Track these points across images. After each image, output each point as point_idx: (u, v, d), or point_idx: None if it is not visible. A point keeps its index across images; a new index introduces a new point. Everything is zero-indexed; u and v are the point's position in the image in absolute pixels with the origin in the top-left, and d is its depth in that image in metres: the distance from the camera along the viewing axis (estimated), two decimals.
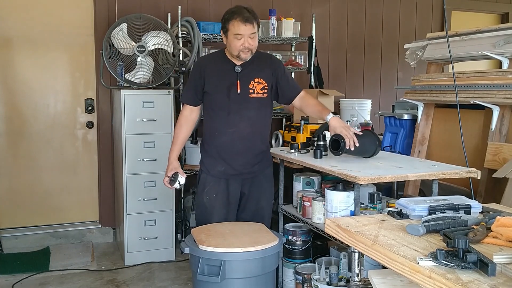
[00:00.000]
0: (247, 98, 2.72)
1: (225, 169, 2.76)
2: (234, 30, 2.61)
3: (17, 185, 4.18)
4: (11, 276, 3.49)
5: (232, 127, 2.73)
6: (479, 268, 1.16)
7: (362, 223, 1.61)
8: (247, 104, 2.72)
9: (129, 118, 3.69)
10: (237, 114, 2.71)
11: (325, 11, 4.93)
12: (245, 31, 2.61)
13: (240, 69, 2.72)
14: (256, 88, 2.74)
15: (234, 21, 2.62)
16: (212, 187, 2.78)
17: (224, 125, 2.73)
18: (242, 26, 2.61)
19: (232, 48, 2.65)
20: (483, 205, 1.78)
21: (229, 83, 2.71)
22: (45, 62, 4.18)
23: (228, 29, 2.64)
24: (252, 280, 2.34)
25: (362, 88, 5.18)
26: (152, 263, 3.79)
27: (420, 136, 3.31)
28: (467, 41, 3.04)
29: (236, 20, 2.62)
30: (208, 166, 2.80)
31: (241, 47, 2.63)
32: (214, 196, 2.77)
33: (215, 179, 2.78)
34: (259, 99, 2.75)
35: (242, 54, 2.65)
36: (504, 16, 5.78)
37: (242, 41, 2.62)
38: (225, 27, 2.66)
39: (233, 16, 2.63)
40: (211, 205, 2.77)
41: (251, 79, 2.73)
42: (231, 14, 2.65)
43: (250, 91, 2.72)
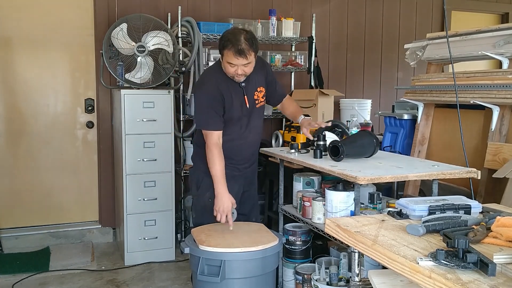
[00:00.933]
0: (254, 109, 2.78)
1: (229, 171, 2.75)
2: (228, 59, 2.57)
3: (17, 185, 4.18)
4: (11, 276, 3.49)
5: (242, 139, 2.78)
6: (479, 268, 1.16)
7: (362, 223, 1.61)
8: (254, 114, 2.79)
9: (129, 118, 3.69)
10: (247, 127, 2.77)
11: (325, 11, 4.93)
12: (237, 63, 2.57)
13: (244, 84, 2.72)
14: (259, 97, 2.80)
15: (227, 51, 2.54)
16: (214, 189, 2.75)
17: (235, 137, 2.76)
18: (234, 58, 2.55)
19: (227, 71, 2.64)
20: (483, 205, 1.78)
21: (240, 99, 2.71)
22: (45, 62, 4.18)
23: (223, 55, 2.60)
24: (252, 280, 2.34)
25: (362, 88, 5.18)
26: (152, 263, 3.79)
27: (420, 136, 3.31)
28: (467, 41, 3.04)
29: (230, 51, 2.53)
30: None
31: (234, 73, 2.62)
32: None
33: None
34: (261, 107, 2.85)
35: (236, 78, 2.65)
36: (504, 16, 5.78)
37: (235, 68, 2.59)
38: (220, 52, 2.61)
39: (227, 45, 2.53)
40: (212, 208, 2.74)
41: (255, 89, 2.77)
42: (227, 41, 2.54)
43: (256, 102, 2.78)
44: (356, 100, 4.62)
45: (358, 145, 2.57)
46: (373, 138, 2.62)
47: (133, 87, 3.79)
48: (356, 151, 2.56)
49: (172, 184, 3.87)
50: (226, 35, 2.58)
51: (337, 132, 2.95)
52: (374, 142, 2.60)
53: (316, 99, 3.84)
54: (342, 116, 4.57)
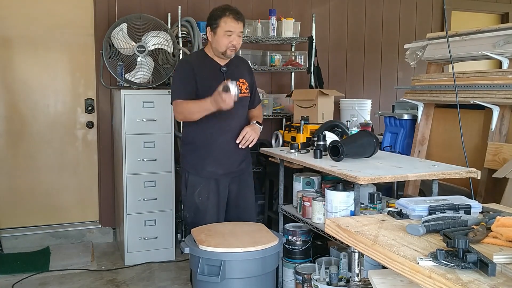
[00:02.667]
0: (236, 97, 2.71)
1: (215, 169, 2.78)
2: (226, 26, 2.66)
3: (17, 185, 4.18)
4: (11, 276, 3.49)
5: (227, 127, 2.77)
6: (479, 268, 1.16)
7: (362, 223, 1.61)
8: (237, 103, 2.69)
9: (129, 118, 3.69)
10: (231, 115, 2.73)
11: (325, 11, 4.93)
12: (235, 28, 2.67)
13: (226, 69, 2.77)
14: (242, 87, 2.81)
15: (226, 18, 2.66)
16: (203, 188, 2.78)
17: (220, 126, 2.75)
18: (234, 23, 2.66)
19: (220, 45, 2.69)
20: (483, 205, 1.78)
21: (217, 82, 2.66)
22: (45, 62, 4.18)
23: (218, 25, 2.67)
24: (252, 280, 2.34)
25: (362, 88, 5.18)
26: (152, 263, 3.79)
27: (420, 136, 3.31)
28: (467, 41, 3.04)
29: (229, 17, 2.66)
30: (197, 167, 2.80)
31: (229, 45, 2.69)
32: (206, 197, 2.78)
33: (205, 179, 2.79)
34: (245, 98, 2.85)
35: (228, 51, 2.71)
36: (504, 16, 5.78)
37: (231, 38, 2.68)
38: (215, 23, 2.68)
39: (224, 13, 2.66)
40: (204, 206, 2.78)
41: (237, 79, 2.77)
42: (223, 11, 2.68)
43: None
44: (356, 100, 4.61)
45: (358, 145, 2.57)
46: (373, 138, 2.62)
47: (133, 87, 3.79)
48: (356, 151, 2.56)
49: (172, 184, 3.87)
50: (218, 8, 2.73)
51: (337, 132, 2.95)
52: (374, 142, 2.60)
53: (316, 99, 3.84)
54: (342, 116, 4.57)
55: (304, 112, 3.89)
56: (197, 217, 2.78)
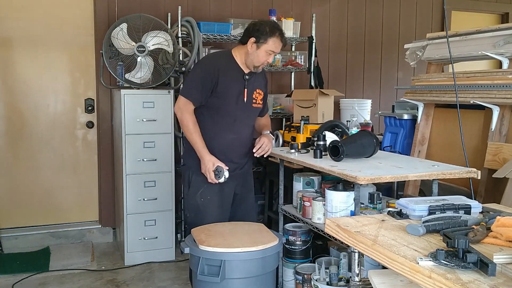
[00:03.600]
0: (250, 107, 2.80)
1: None
2: (273, 47, 2.67)
3: (17, 185, 4.18)
4: (11, 276, 3.49)
5: (235, 134, 2.77)
6: (479, 268, 1.16)
7: (362, 223, 1.61)
8: (250, 113, 2.80)
9: (129, 118, 3.69)
10: (242, 122, 2.77)
11: (325, 11, 4.93)
12: (278, 50, 2.70)
13: (248, 78, 2.76)
14: (257, 98, 2.83)
15: (275, 39, 2.65)
16: (207, 189, 2.76)
17: (228, 131, 2.75)
18: (279, 45, 2.69)
19: (258, 60, 2.69)
20: (483, 205, 1.78)
21: (238, 90, 2.73)
22: (45, 62, 4.18)
23: (265, 43, 2.65)
24: (252, 280, 2.34)
25: (362, 88, 5.18)
26: (152, 263, 3.79)
27: (420, 136, 3.31)
28: (467, 41, 3.04)
29: (278, 38, 2.66)
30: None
31: (265, 62, 2.71)
32: (208, 198, 2.77)
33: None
34: (257, 109, 2.87)
35: (260, 67, 2.74)
36: (504, 16, 5.78)
37: (269, 57, 2.69)
38: (263, 39, 2.64)
39: (275, 33, 2.65)
40: (205, 207, 2.77)
41: (255, 89, 2.80)
42: (274, 30, 2.66)
43: (253, 101, 2.80)
44: (356, 100, 4.61)
45: (358, 145, 2.57)
46: (373, 138, 2.62)
47: (133, 87, 3.79)
48: (356, 151, 2.56)
49: (172, 184, 3.87)
50: (267, 24, 2.68)
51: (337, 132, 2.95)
52: (374, 142, 2.60)
53: (316, 99, 3.84)
54: (342, 116, 4.57)
55: (304, 112, 3.89)
56: (197, 217, 2.78)
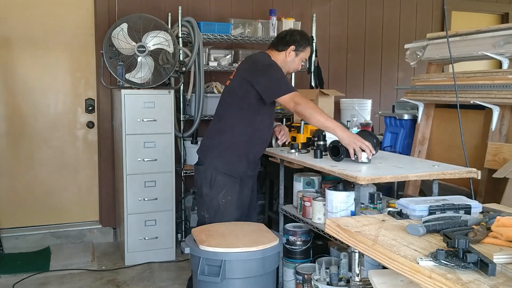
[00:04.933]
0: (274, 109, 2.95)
1: (245, 170, 2.77)
2: (307, 55, 2.88)
3: (17, 185, 4.18)
4: (11, 276, 3.49)
5: (268, 136, 2.88)
6: (479, 268, 1.16)
7: (362, 223, 1.61)
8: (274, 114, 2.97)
9: (129, 118, 3.69)
10: (272, 123, 2.91)
11: (325, 11, 4.93)
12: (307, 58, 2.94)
13: None
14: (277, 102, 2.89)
15: (310, 48, 2.90)
16: (230, 189, 2.74)
17: (266, 133, 2.84)
18: (309, 54, 2.94)
19: (295, 66, 2.87)
20: (483, 205, 1.78)
21: None
22: (45, 62, 4.19)
23: (304, 51, 2.85)
24: (252, 280, 2.34)
25: (363, 88, 5.18)
26: (152, 263, 3.79)
27: (420, 136, 3.31)
28: (467, 41, 3.04)
29: (311, 47, 2.90)
30: (231, 166, 2.72)
31: (298, 69, 2.91)
32: (229, 199, 2.74)
33: (233, 180, 2.74)
34: None
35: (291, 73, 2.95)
36: (504, 16, 5.78)
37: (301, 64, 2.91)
38: (303, 47, 2.83)
39: (311, 43, 2.90)
40: (226, 207, 2.74)
41: None
42: (310, 40, 2.88)
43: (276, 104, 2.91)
44: (357, 100, 4.61)
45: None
46: (373, 138, 2.62)
47: (134, 87, 3.79)
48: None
49: (172, 184, 3.87)
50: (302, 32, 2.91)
51: None
52: (374, 142, 2.60)
53: (316, 99, 3.84)
54: (342, 116, 4.57)
55: None
56: (216, 217, 2.72)
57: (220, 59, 4.29)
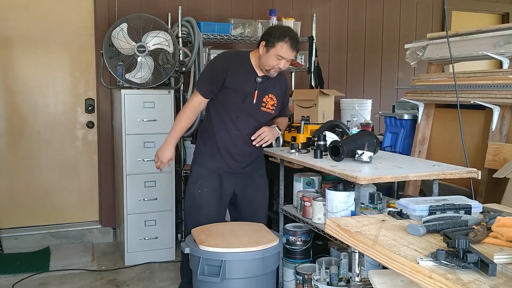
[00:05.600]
0: (258, 110, 2.79)
1: (221, 165, 2.81)
2: (281, 52, 2.62)
3: (17, 185, 4.18)
4: (11, 276, 3.49)
5: (237, 131, 2.78)
6: (480, 268, 1.16)
7: (362, 223, 1.61)
8: (256, 115, 2.79)
9: (129, 118, 3.69)
10: (245, 122, 2.77)
11: (325, 11, 4.93)
12: (288, 56, 2.65)
13: (260, 80, 2.76)
14: (268, 103, 2.81)
15: (284, 44, 2.61)
16: (205, 181, 2.81)
17: (231, 126, 2.77)
18: (289, 51, 2.62)
19: (268, 63, 2.68)
20: (484, 205, 1.78)
21: (247, 90, 2.74)
22: (45, 62, 4.18)
23: (274, 46, 2.62)
24: (252, 280, 2.34)
25: (363, 88, 5.18)
26: (152, 263, 3.79)
27: (421, 136, 3.31)
28: (468, 41, 3.04)
29: (287, 43, 2.61)
30: (205, 159, 2.83)
31: (276, 67, 2.68)
32: (205, 191, 2.80)
33: (209, 173, 2.81)
34: (267, 114, 2.84)
35: (272, 71, 2.71)
36: (504, 16, 5.77)
37: (280, 62, 2.65)
38: (272, 42, 2.63)
39: (284, 38, 2.60)
40: (202, 199, 2.80)
41: (267, 93, 2.79)
42: (284, 34, 2.61)
43: (262, 104, 2.79)
44: (357, 100, 4.61)
45: (358, 145, 2.56)
46: (374, 138, 2.62)
47: (133, 87, 3.79)
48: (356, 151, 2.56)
49: (172, 184, 3.87)
50: (279, 28, 2.68)
51: (338, 132, 2.95)
52: (374, 142, 2.60)
53: (316, 99, 3.83)
54: (342, 116, 4.56)
55: (305, 112, 3.88)
56: (192, 208, 2.82)
57: None
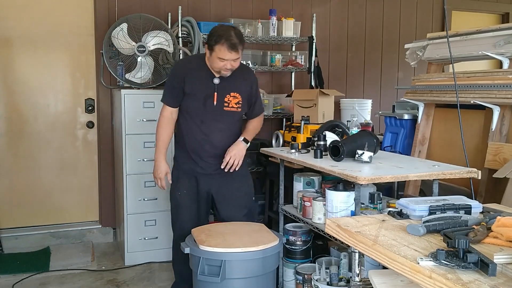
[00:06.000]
0: (221, 111, 2.81)
1: (194, 167, 2.87)
2: (219, 54, 2.64)
3: (17, 185, 4.18)
4: (11, 276, 3.49)
5: (204, 135, 2.82)
6: (480, 268, 1.16)
7: (362, 223, 1.61)
8: (220, 117, 2.82)
9: (129, 118, 3.69)
10: (210, 125, 2.81)
11: (325, 11, 4.92)
12: (228, 57, 2.66)
13: (218, 82, 2.79)
14: (231, 102, 2.82)
15: (220, 46, 2.63)
16: (182, 183, 2.89)
17: (196, 131, 2.82)
18: (227, 53, 2.63)
19: (214, 65, 2.72)
20: (484, 205, 1.78)
21: (206, 93, 2.78)
22: (45, 62, 4.18)
23: (213, 50, 2.66)
24: (252, 280, 2.34)
25: (363, 88, 5.18)
26: (152, 263, 3.79)
27: (421, 136, 3.31)
28: (468, 41, 3.04)
29: (223, 46, 2.62)
30: (180, 161, 2.92)
31: (223, 67, 2.70)
32: (184, 192, 2.88)
33: (186, 175, 2.89)
34: (232, 113, 2.85)
35: (223, 72, 2.74)
36: (504, 16, 5.77)
37: (224, 63, 2.67)
38: (211, 46, 2.67)
39: (220, 41, 2.62)
40: (182, 200, 2.89)
41: (228, 93, 2.81)
42: (219, 37, 2.63)
43: (225, 104, 2.81)
44: (357, 100, 4.61)
45: (358, 145, 2.57)
46: (374, 138, 2.62)
47: (134, 87, 3.79)
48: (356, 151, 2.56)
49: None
50: (217, 31, 2.68)
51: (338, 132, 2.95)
52: (374, 142, 2.60)
53: (316, 99, 3.84)
54: (342, 116, 4.56)
55: (305, 112, 3.89)
56: (175, 210, 2.93)
57: None
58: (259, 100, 3.00)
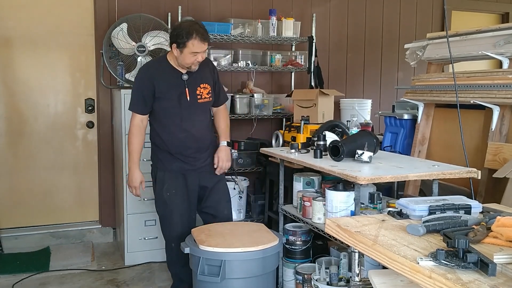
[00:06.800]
0: (196, 104, 2.87)
1: (183, 165, 2.88)
2: (193, 48, 2.70)
3: (17, 185, 4.18)
4: (11, 276, 3.49)
5: (185, 132, 2.85)
6: (480, 268, 1.16)
7: (362, 223, 1.61)
8: (197, 110, 2.88)
9: (129, 118, 3.66)
10: (189, 120, 2.85)
11: (325, 11, 4.93)
12: (202, 49, 2.74)
13: (187, 77, 2.84)
14: (203, 93, 2.89)
15: (194, 41, 2.69)
16: (171, 183, 2.89)
17: (178, 130, 2.85)
18: (201, 44, 2.71)
19: (186, 62, 2.76)
20: (483, 205, 1.78)
21: (178, 91, 2.83)
22: (45, 62, 4.18)
23: (185, 46, 2.70)
24: (252, 280, 2.34)
25: (362, 88, 5.18)
26: (152, 263, 3.79)
27: (420, 136, 3.31)
28: (467, 41, 3.04)
29: (196, 39, 2.69)
30: (165, 163, 2.91)
31: (195, 62, 2.76)
32: (173, 192, 2.89)
33: (173, 174, 2.90)
34: (207, 104, 2.94)
35: (193, 66, 2.80)
36: (504, 16, 5.77)
37: (196, 56, 2.74)
38: (182, 43, 2.70)
39: (192, 36, 2.68)
40: (171, 201, 2.89)
41: (197, 85, 2.87)
42: (190, 33, 2.69)
43: (198, 97, 2.87)
44: (356, 100, 4.61)
45: (358, 145, 2.57)
46: (373, 138, 2.62)
47: None
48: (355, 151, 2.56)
49: None
50: (183, 29, 2.72)
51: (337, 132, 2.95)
52: (374, 142, 2.60)
53: (316, 99, 3.84)
54: (342, 116, 4.56)
55: (304, 112, 3.89)
56: (166, 211, 2.92)
57: (220, 59, 4.29)
58: (222, 85, 3.10)
